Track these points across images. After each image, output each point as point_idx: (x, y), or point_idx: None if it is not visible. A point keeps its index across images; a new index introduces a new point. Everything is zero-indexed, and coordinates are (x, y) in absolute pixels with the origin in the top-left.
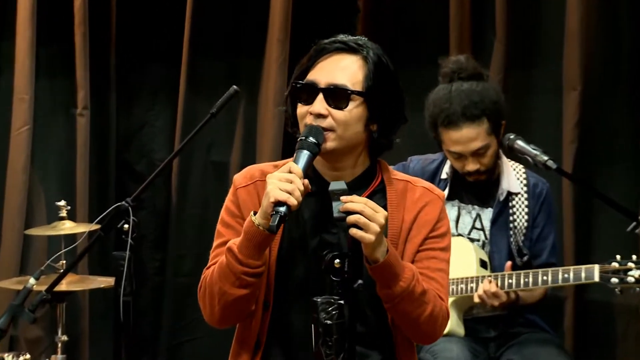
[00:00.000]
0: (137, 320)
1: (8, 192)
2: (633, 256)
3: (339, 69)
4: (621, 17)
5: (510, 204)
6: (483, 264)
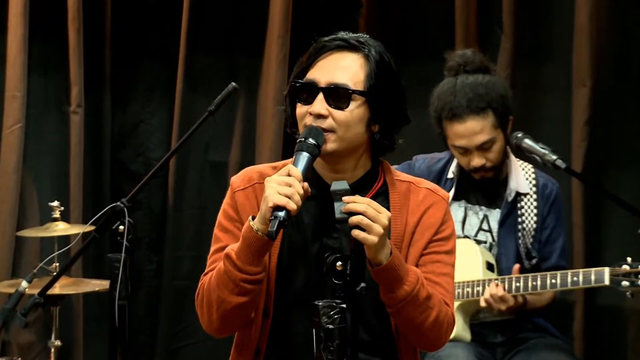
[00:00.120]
0: (133, 324)
1: None
2: None
3: (339, 68)
4: (632, 11)
5: (519, 205)
6: (490, 267)
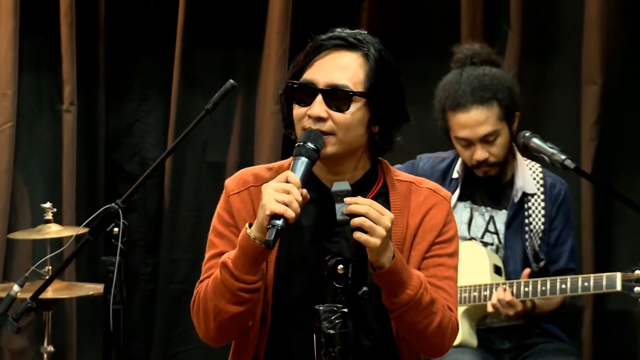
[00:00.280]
0: (128, 329)
1: None
2: None
3: (338, 68)
4: None
5: (526, 206)
6: (497, 270)
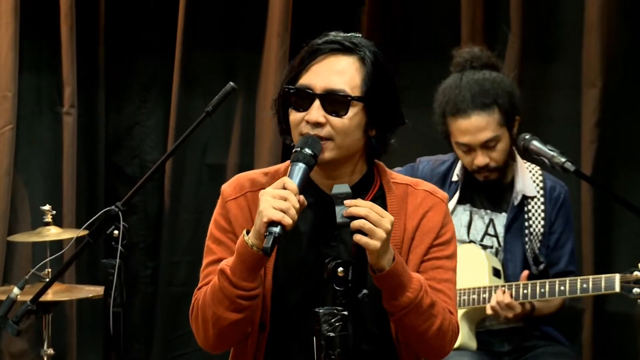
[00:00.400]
0: (128, 332)
1: None
2: None
3: (335, 73)
4: None
5: (526, 209)
6: (496, 273)
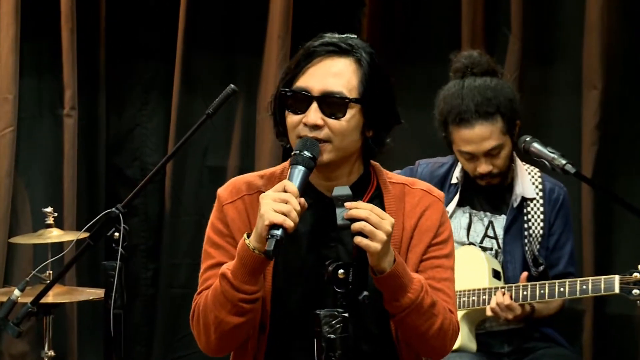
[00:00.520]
0: (129, 334)
1: None
2: None
3: (332, 75)
4: None
5: (525, 211)
6: (496, 275)
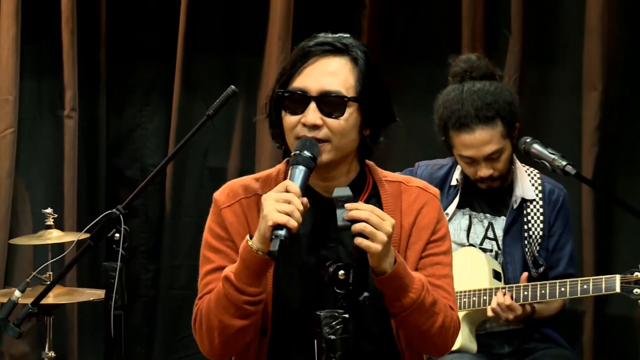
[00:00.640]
0: (129, 335)
1: None
2: None
3: (329, 74)
4: None
5: (525, 212)
6: (496, 276)
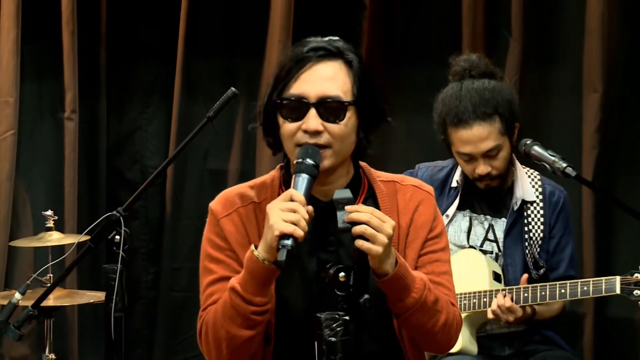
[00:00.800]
0: (130, 337)
1: None
2: None
3: (326, 79)
4: None
5: (525, 214)
6: (497, 277)
